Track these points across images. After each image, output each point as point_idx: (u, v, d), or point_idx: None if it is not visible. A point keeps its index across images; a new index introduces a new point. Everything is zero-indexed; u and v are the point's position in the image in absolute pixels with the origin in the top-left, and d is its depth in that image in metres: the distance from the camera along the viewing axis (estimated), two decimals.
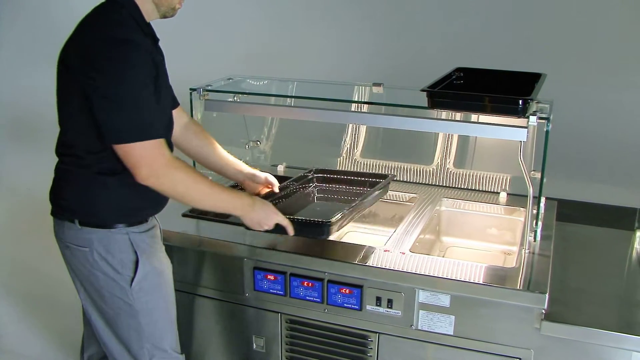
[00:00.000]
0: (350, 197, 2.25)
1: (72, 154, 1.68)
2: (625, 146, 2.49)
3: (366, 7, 3.76)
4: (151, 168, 1.57)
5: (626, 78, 2.76)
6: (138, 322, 1.75)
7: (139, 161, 1.57)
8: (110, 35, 1.56)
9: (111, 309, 1.74)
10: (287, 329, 2.04)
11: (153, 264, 1.76)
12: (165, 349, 1.82)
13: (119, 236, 1.70)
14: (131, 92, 1.54)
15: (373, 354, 1.95)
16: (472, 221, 2.30)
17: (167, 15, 1.74)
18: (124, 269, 1.70)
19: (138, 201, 1.72)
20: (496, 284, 1.75)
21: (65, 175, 1.71)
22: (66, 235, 1.72)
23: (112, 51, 1.53)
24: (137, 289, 1.72)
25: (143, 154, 1.56)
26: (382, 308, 1.87)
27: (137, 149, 1.56)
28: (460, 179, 2.45)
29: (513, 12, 3.21)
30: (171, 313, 1.84)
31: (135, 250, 1.72)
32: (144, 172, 1.57)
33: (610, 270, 2.01)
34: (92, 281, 1.72)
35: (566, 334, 1.72)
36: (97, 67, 1.52)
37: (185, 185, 1.63)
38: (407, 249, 1.93)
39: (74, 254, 1.72)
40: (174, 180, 1.61)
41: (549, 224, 2.17)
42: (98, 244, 1.68)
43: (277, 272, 1.95)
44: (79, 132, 1.65)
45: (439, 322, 1.84)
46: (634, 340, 1.65)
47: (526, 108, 1.81)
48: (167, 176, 1.60)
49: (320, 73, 3.26)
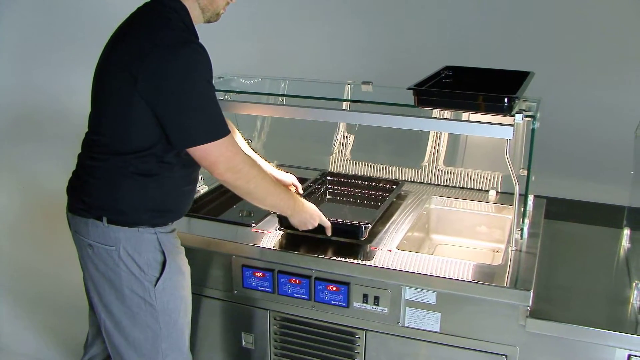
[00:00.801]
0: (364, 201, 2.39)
1: (108, 152, 1.66)
2: (614, 144, 2.50)
3: (360, 6, 3.76)
4: (229, 164, 1.64)
5: (615, 76, 2.76)
6: (157, 323, 1.75)
7: (217, 158, 1.62)
8: (173, 40, 1.57)
9: (130, 308, 1.73)
10: (275, 326, 2.05)
11: (178, 265, 1.77)
12: (181, 349, 1.82)
13: (147, 235, 1.70)
14: (200, 93, 1.57)
15: (360, 350, 1.96)
16: (462, 219, 2.31)
17: (211, 20, 1.76)
18: (150, 268, 1.71)
19: (168, 204, 1.73)
20: (481, 281, 1.76)
21: (95, 172, 1.69)
22: (91, 233, 1.70)
23: (178, 55, 1.54)
24: (160, 289, 1.72)
25: (222, 151, 1.62)
26: (368, 305, 1.88)
27: (215, 147, 1.60)
28: (450, 177, 2.46)
29: (508, 12, 3.22)
30: (188, 315, 1.85)
31: (163, 250, 1.72)
32: (222, 167, 1.63)
33: (597, 268, 2.02)
34: (114, 280, 1.71)
35: (551, 330, 1.73)
36: (162, 72, 1.53)
37: (256, 182, 1.71)
38: (394, 247, 1.94)
39: (97, 253, 1.70)
40: (249, 176, 1.69)
41: (537, 221, 2.18)
42: (126, 243, 1.68)
43: (265, 269, 1.96)
44: (121, 132, 1.63)
45: (426, 319, 1.85)
46: (617, 337, 1.66)
47: (511, 106, 1.82)
48: (243, 172, 1.67)
49: (314, 72, 3.27)
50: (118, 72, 1.59)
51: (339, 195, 2.47)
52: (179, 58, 1.53)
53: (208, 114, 1.60)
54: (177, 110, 1.57)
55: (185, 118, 1.58)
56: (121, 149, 1.64)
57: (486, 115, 1.93)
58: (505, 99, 1.81)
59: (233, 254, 2.00)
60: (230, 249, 1.99)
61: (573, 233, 2.26)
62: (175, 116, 1.57)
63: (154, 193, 1.68)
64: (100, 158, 1.68)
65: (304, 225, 1.90)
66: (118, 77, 1.58)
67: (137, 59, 1.54)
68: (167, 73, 1.53)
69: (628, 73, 2.62)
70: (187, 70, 1.54)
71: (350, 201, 2.44)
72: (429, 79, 2.09)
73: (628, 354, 1.68)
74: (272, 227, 2.07)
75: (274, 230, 2.06)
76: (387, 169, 2.54)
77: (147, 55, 1.53)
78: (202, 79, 1.57)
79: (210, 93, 1.60)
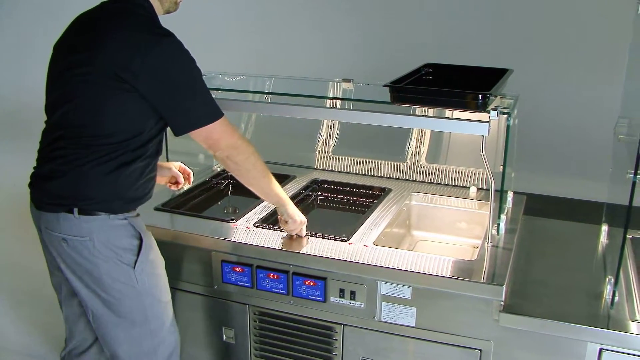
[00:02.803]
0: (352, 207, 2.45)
1: (80, 144, 1.67)
2: (595, 141, 2.51)
3: (354, 4, 3.78)
4: (229, 140, 1.74)
5: (596, 74, 2.78)
6: (142, 303, 1.79)
7: (220, 137, 1.72)
8: (155, 32, 1.63)
9: (113, 296, 1.76)
10: (255, 321, 2.07)
11: (151, 245, 1.82)
12: (169, 324, 1.87)
13: (118, 222, 1.73)
14: (195, 78, 1.66)
15: (338, 345, 1.98)
16: (442, 215, 2.33)
17: (170, 11, 1.81)
18: (126, 252, 1.74)
19: (137, 192, 1.76)
20: (455, 277, 1.78)
21: (65, 165, 1.69)
22: (63, 227, 1.71)
23: (166, 47, 1.61)
24: (139, 271, 1.76)
25: (223, 129, 1.72)
26: (345, 300, 1.90)
27: (217, 126, 1.70)
28: (432, 174, 2.48)
29: (498, 11, 3.23)
30: (169, 292, 1.90)
31: (138, 233, 1.77)
32: (224, 144, 1.73)
33: (574, 264, 2.03)
34: (92, 271, 1.73)
35: (524, 325, 1.75)
36: (155, 64, 1.59)
37: (255, 158, 1.81)
38: (371, 242, 1.96)
39: (72, 246, 1.71)
40: (247, 151, 1.79)
41: (516, 217, 2.19)
42: (99, 232, 1.70)
43: (244, 264, 1.99)
44: (102, 125, 1.65)
45: (401, 313, 1.87)
46: (589, 331, 1.68)
47: (486, 103, 1.84)
48: (242, 147, 1.77)
49: (306, 70, 3.29)
50: (101, 66, 1.61)
51: (327, 201, 2.51)
52: (169, 48, 1.61)
53: (205, 96, 1.69)
54: (178, 98, 1.64)
55: (189, 102, 1.66)
56: (96, 141, 1.66)
57: (463, 112, 1.95)
58: (480, 96, 1.82)
59: (213, 250, 2.02)
60: (210, 244, 2.02)
61: (552, 229, 2.27)
62: (177, 104, 1.65)
63: (124, 182, 1.71)
64: (70, 150, 1.68)
65: (297, 216, 1.95)
66: (101, 71, 1.60)
67: (128, 54, 1.58)
68: (162, 65, 1.59)
69: (608, 71, 2.63)
70: (180, 59, 1.62)
71: (337, 207, 2.49)
72: (408, 75, 2.11)
73: (600, 347, 1.70)
74: (251, 223, 2.10)
75: (253, 226, 2.08)
76: (370, 166, 2.56)
77: (137, 52, 1.58)
78: (192, 63, 1.65)
79: (201, 77, 1.68)
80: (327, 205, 2.50)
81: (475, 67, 2.20)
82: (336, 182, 2.50)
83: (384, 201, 2.29)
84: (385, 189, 2.40)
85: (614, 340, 1.66)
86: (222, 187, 2.62)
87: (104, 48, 1.62)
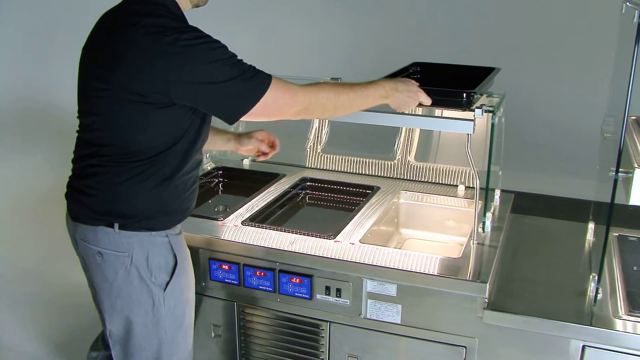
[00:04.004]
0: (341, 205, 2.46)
1: (118, 159, 1.60)
2: (583, 139, 2.53)
3: (349, 3, 3.79)
4: (293, 104, 1.61)
5: (583, 73, 2.79)
6: (161, 326, 1.73)
7: (281, 104, 1.59)
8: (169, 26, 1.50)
9: (137, 315, 1.71)
10: (242, 318, 2.09)
11: (185, 267, 1.76)
12: (183, 351, 1.82)
13: (159, 239, 1.68)
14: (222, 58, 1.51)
15: (325, 342, 2.00)
16: (431, 213, 2.34)
17: (199, 4, 1.72)
18: (161, 272, 1.69)
19: (176, 205, 1.70)
20: (439, 274, 1.79)
21: (103, 179, 1.63)
22: (101, 240, 1.65)
23: (181, 41, 1.47)
24: (169, 294, 1.71)
25: (277, 96, 1.57)
26: (331, 297, 1.91)
27: (269, 97, 1.56)
28: (421, 172, 2.49)
29: (489, 11, 3.25)
30: (192, 318, 1.85)
31: (175, 253, 1.71)
32: (290, 112, 1.61)
33: (560, 261, 2.04)
34: (122, 287, 1.68)
35: (508, 322, 1.76)
36: (177, 61, 1.47)
37: (330, 100, 1.66)
38: (357, 240, 1.97)
39: (107, 260, 1.66)
40: (318, 100, 1.65)
41: (503, 215, 2.20)
42: (139, 248, 1.65)
43: (231, 262, 2.00)
44: (129, 136, 1.57)
45: (387, 311, 1.88)
46: (572, 328, 1.69)
47: (470, 101, 1.85)
48: (311, 101, 1.63)
49: (296, 70, 3.30)
50: (119, 86, 1.52)
51: (315, 199, 2.52)
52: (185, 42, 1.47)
53: (241, 69, 1.53)
54: (217, 88, 1.51)
55: (227, 89, 1.52)
56: (129, 158, 1.59)
57: (449, 111, 1.96)
58: (464, 94, 1.84)
59: (200, 247, 2.03)
60: (198, 242, 2.03)
61: (540, 227, 2.28)
62: (217, 96, 1.53)
63: (168, 197, 1.66)
64: (105, 169, 1.62)
65: (406, 106, 1.81)
66: (120, 90, 1.52)
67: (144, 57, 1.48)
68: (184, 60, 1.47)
69: (596, 70, 2.64)
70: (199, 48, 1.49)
71: (326, 205, 2.50)
72: (395, 74, 2.12)
73: (582, 344, 1.71)
74: (239, 221, 2.11)
75: (241, 224, 2.09)
76: (360, 164, 2.57)
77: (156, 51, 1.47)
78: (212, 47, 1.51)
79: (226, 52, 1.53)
80: (315, 203, 2.51)
81: (463, 66, 2.22)
82: (325, 180, 2.51)
83: (372, 199, 2.31)
84: (374, 187, 2.41)
85: (596, 337, 1.68)
86: (213, 185, 2.63)
87: (121, 67, 1.51)
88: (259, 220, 2.13)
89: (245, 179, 2.61)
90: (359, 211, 2.19)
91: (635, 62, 1.49)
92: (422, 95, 1.80)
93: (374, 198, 2.32)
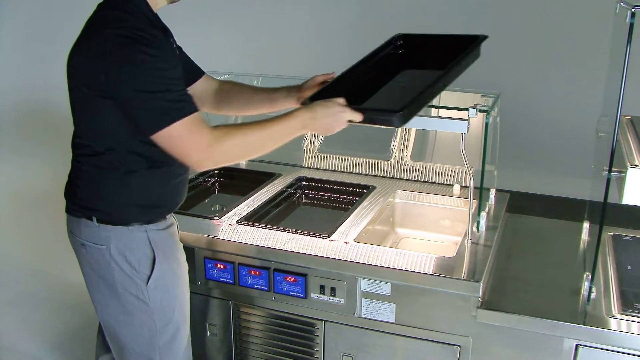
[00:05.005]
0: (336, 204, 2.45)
1: (89, 152, 1.65)
2: (578, 139, 2.53)
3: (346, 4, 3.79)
4: (197, 150, 1.53)
5: (578, 73, 2.79)
6: (152, 321, 1.74)
7: (183, 143, 1.51)
8: (119, 34, 1.51)
9: (125, 306, 1.73)
10: (237, 317, 2.09)
11: (170, 263, 1.75)
12: (178, 347, 1.82)
13: (137, 234, 1.69)
14: (153, 80, 1.49)
15: (320, 340, 2.00)
16: (426, 213, 2.34)
17: (174, 0, 1.69)
18: (141, 266, 1.70)
19: (154, 199, 1.71)
20: (433, 273, 1.80)
21: (81, 173, 1.69)
22: (82, 233, 1.70)
23: (125, 49, 1.49)
24: (152, 287, 1.71)
25: (184, 132, 1.50)
26: (325, 296, 1.92)
27: (177, 129, 1.50)
28: (417, 171, 2.49)
29: (487, 9, 3.25)
30: (185, 313, 1.84)
31: (153, 248, 1.71)
32: (190, 160, 1.55)
33: (554, 260, 2.04)
34: (108, 279, 1.71)
35: (501, 321, 1.76)
36: (114, 67, 1.49)
37: (239, 146, 1.58)
38: (351, 239, 1.98)
39: (89, 252, 1.70)
40: (223, 149, 1.55)
41: (498, 215, 2.21)
42: (116, 242, 1.67)
43: (226, 261, 2.01)
44: (98, 131, 1.62)
45: (381, 310, 1.89)
46: (565, 327, 1.70)
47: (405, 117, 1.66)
48: (216, 152, 1.54)
49: (296, 68, 3.30)
50: (79, 71, 1.59)
51: (311, 199, 2.52)
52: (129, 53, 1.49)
53: (164, 97, 1.50)
54: (138, 102, 1.51)
55: (145, 106, 1.51)
56: (102, 147, 1.63)
57: (444, 110, 1.96)
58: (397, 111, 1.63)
59: (196, 246, 2.04)
60: (193, 241, 2.03)
61: (535, 226, 2.29)
62: (135, 108, 1.52)
63: (137, 189, 1.67)
64: (83, 159, 1.67)
65: (332, 130, 1.69)
66: (81, 76, 1.58)
67: (95, 57, 1.53)
68: (119, 68, 1.50)
69: (592, 69, 2.64)
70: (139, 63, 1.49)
71: (321, 204, 2.50)
72: (379, 50, 2.00)
73: (576, 343, 1.72)
74: (234, 221, 2.12)
75: (236, 223, 2.10)
76: (356, 164, 2.57)
77: (103, 53, 1.51)
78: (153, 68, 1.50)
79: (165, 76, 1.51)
80: (311, 202, 2.51)
81: (448, 36, 2.03)
82: (321, 179, 2.51)
83: (367, 199, 2.31)
84: (370, 186, 2.41)
85: (589, 336, 1.68)
86: (209, 184, 2.64)
87: (81, 53, 1.58)
88: (254, 220, 2.14)
89: (241, 178, 2.62)
90: (354, 210, 2.20)
91: (628, 61, 1.50)
92: (347, 115, 1.65)
93: (370, 197, 2.32)
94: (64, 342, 2.86)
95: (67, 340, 2.87)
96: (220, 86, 2.02)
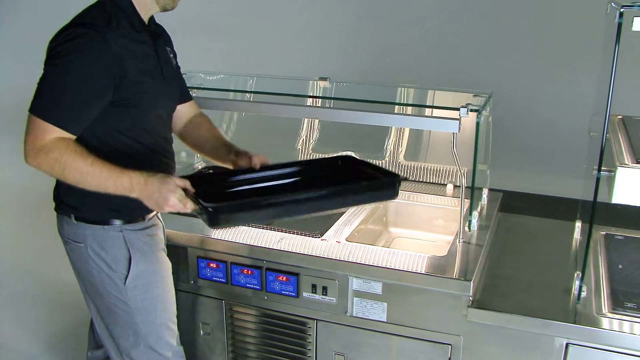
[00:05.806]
0: None
1: None
2: (571, 139, 2.53)
3: (342, 3, 3.79)
4: (28, 147, 1.52)
5: (571, 72, 2.80)
6: (134, 321, 1.76)
7: (26, 139, 1.52)
8: (67, 25, 1.56)
9: (107, 306, 1.75)
10: (230, 316, 2.10)
11: (147, 263, 1.76)
12: (161, 351, 1.82)
13: (113, 233, 1.70)
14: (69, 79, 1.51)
15: (312, 339, 2.01)
16: (419, 212, 2.35)
17: (167, 8, 1.70)
18: (118, 266, 1.71)
19: (128, 199, 1.61)
20: (424, 272, 1.80)
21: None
22: (64, 230, 1.74)
23: (65, 41, 1.53)
24: (131, 287, 1.73)
25: (30, 129, 1.52)
26: (317, 295, 1.93)
27: (30, 122, 1.52)
28: (411, 171, 2.50)
29: (481, 11, 3.25)
30: (169, 313, 1.84)
31: (129, 248, 1.72)
32: (25, 150, 1.53)
33: (547, 260, 2.05)
34: (89, 277, 1.74)
35: (492, 320, 1.77)
36: (49, 54, 1.57)
37: (61, 164, 1.52)
38: (343, 239, 1.98)
39: (72, 249, 1.74)
40: (47, 160, 1.52)
41: (490, 214, 2.21)
42: (92, 240, 1.69)
43: (219, 260, 2.01)
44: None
45: (372, 309, 1.89)
46: (555, 326, 1.70)
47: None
48: (40, 156, 1.52)
49: (293, 69, 3.31)
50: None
51: None
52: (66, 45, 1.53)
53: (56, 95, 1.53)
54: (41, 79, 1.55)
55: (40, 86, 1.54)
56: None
57: (436, 110, 1.97)
58: None
59: (189, 246, 2.05)
60: (186, 240, 2.04)
61: (528, 226, 2.29)
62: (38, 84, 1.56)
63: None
64: None
65: (157, 207, 1.58)
66: None
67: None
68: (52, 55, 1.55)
69: (585, 69, 2.65)
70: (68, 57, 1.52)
71: None
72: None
73: (566, 342, 1.72)
74: None
75: None
76: None
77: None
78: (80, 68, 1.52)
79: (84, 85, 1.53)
80: None
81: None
82: None
83: None
84: None
85: (579, 334, 1.69)
86: None
87: None
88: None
89: None
90: (347, 210, 2.20)
91: (616, 61, 1.50)
92: (173, 199, 1.55)
93: None
94: (59, 341, 2.87)
95: (61, 339, 2.88)
96: (195, 118, 1.99)
